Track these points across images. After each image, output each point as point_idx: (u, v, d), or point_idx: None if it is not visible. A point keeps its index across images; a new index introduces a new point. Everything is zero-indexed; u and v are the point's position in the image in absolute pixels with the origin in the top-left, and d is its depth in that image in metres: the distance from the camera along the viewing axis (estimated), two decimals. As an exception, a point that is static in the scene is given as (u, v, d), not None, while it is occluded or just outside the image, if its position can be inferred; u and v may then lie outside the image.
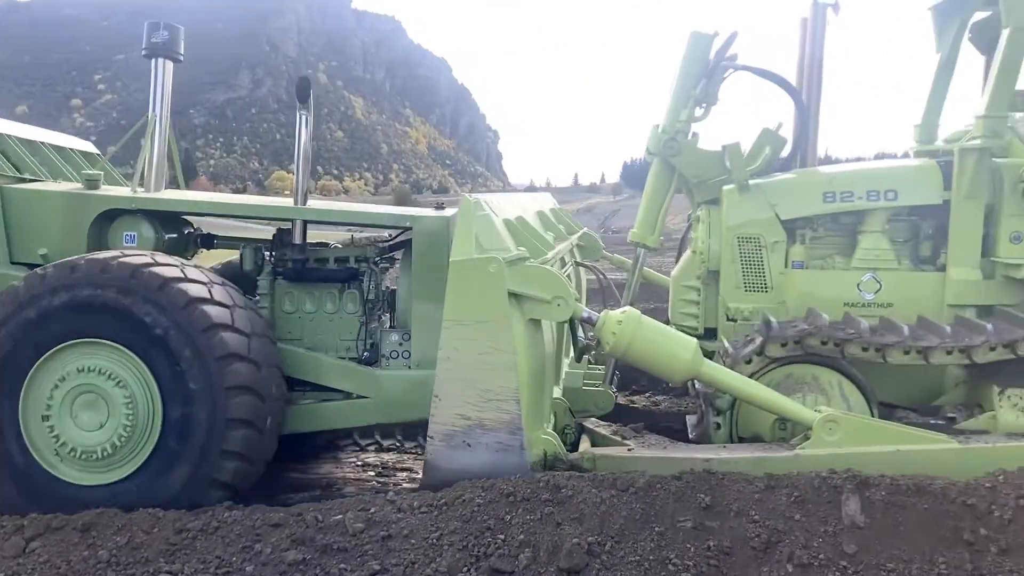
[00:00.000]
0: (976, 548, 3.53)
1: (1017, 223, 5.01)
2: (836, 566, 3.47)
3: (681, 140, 5.59)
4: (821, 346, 4.73)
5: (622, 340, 4.39)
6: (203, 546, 3.72)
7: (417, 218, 5.43)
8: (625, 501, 3.82)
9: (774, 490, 3.87)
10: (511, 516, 3.76)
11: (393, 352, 5.40)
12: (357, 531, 3.72)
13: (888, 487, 3.82)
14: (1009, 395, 4.67)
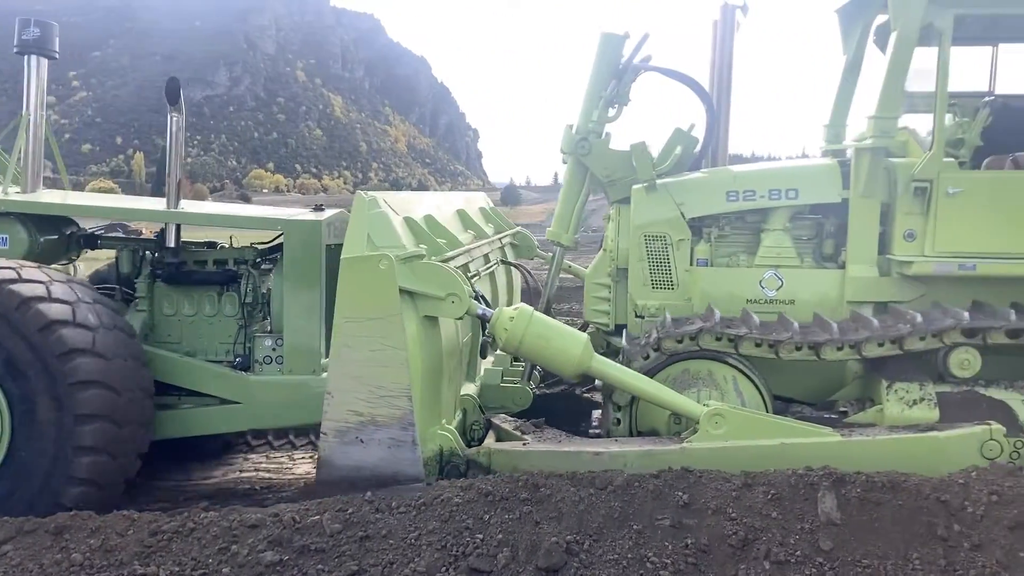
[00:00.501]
0: (949, 544, 3.63)
1: (911, 221, 5.18)
2: (812, 563, 3.56)
3: (592, 140, 5.72)
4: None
5: (514, 336, 4.50)
6: (178, 548, 3.71)
7: (288, 221, 5.48)
8: (603, 499, 3.90)
9: (751, 488, 3.97)
10: (489, 515, 3.81)
11: (266, 357, 5.46)
12: (335, 532, 3.75)
13: (863, 484, 3.93)
14: (896, 389, 4.83)
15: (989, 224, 5.08)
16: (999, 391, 4.91)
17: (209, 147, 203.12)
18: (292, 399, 5.27)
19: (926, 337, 4.81)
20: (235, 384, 5.34)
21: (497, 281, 6.86)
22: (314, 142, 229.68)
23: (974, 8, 5.07)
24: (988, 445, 4.51)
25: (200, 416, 5.40)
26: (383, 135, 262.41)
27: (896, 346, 4.87)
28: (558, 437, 4.87)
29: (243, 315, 5.55)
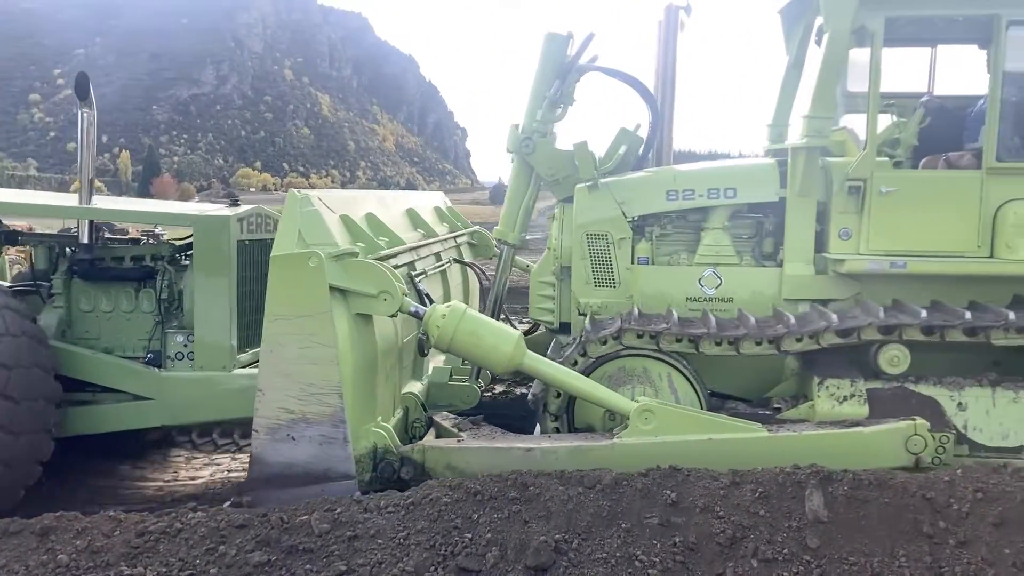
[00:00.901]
0: (935, 541, 3.67)
1: (846, 220, 5.26)
2: (800, 560, 3.60)
3: (536, 139, 5.76)
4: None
5: (445, 333, 4.55)
6: (166, 548, 3.71)
7: (197, 217, 5.51)
8: (592, 498, 3.94)
9: (739, 486, 4.01)
10: (478, 515, 3.84)
11: (178, 353, 5.51)
12: (323, 532, 3.77)
13: (850, 482, 3.97)
14: (827, 385, 4.90)
15: (920, 223, 5.17)
16: (928, 387, 4.99)
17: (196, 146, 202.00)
18: (203, 395, 5.32)
19: (803, 338, 4.91)
20: (147, 380, 5.38)
21: (450, 280, 6.89)
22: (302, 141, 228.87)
23: (904, 10, 5.15)
24: (912, 440, 4.60)
25: (112, 412, 5.43)
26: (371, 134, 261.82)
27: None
28: (493, 434, 4.92)
29: (160, 311, 5.58)
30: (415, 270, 5.70)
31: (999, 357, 5.26)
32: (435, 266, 6.39)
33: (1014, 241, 5.02)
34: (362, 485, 4.52)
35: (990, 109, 5.05)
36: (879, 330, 4.86)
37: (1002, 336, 4.82)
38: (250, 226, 5.70)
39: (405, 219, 6.35)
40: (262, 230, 5.88)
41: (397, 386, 5.20)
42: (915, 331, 4.83)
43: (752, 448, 4.55)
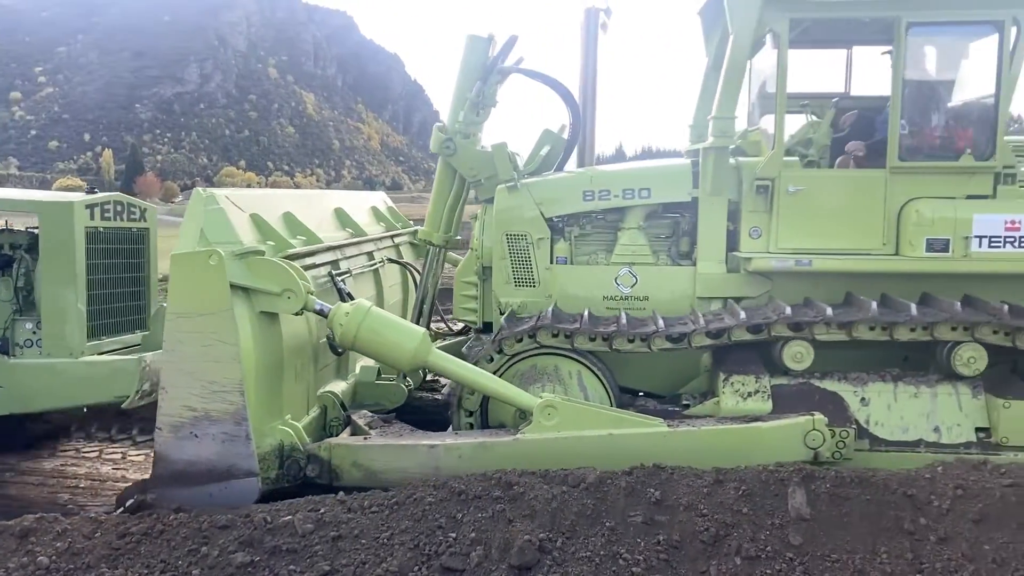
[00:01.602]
0: (916, 537, 3.71)
1: (756, 219, 5.34)
2: (783, 558, 3.63)
3: (458, 141, 5.80)
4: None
5: (349, 330, 4.61)
6: (147, 550, 3.72)
7: (41, 203, 5.55)
8: (576, 497, 3.96)
9: (722, 484, 4.05)
10: (462, 514, 3.86)
11: (27, 341, 5.57)
12: (307, 532, 3.79)
13: (832, 480, 4.02)
14: (732, 381, 4.97)
15: (825, 221, 5.26)
16: (833, 383, 5.08)
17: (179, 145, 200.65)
18: (50, 382, 5.39)
19: (634, 339, 5.03)
20: None
21: (385, 280, 6.93)
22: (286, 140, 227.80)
23: (807, 12, 5.22)
24: (811, 435, 4.68)
25: None
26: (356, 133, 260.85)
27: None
28: (401, 432, 4.97)
29: (17, 300, 5.64)
30: (338, 269, 5.75)
31: (908, 352, 5.36)
32: (365, 266, 6.43)
33: (916, 239, 5.11)
34: (267, 483, 4.56)
35: (892, 109, 5.13)
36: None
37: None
38: (105, 213, 5.73)
39: (332, 218, 6.38)
40: (122, 218, 5.91)
41: (312, 384, 5.24)
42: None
43: (652, 443, 4.62)
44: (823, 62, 6.42)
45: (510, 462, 4.60)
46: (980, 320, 4.79)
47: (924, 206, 5.13)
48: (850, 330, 4.90)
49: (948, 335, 4.86)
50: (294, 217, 5.49)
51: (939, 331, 4.84)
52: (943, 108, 5.33)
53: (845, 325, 4.89)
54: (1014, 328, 4.79)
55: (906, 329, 4.92)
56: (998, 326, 4.80)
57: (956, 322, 4.79)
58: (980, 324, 4.81)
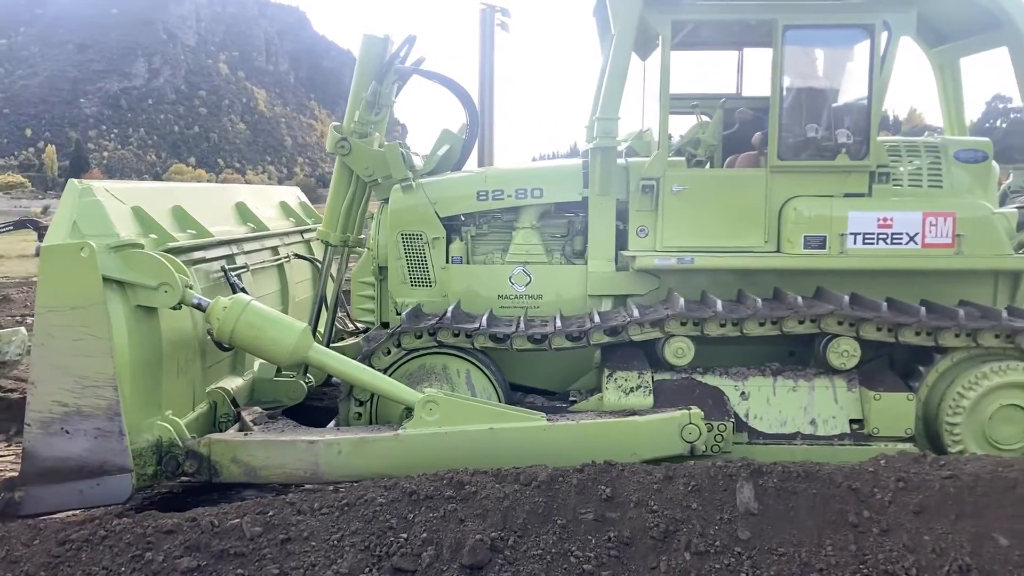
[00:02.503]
0: (860, 529, 3.75)
1: (642, 218, 5.43)
2: (731, 552, 3.64)
3: (353, 141, 5.79)
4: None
5: (226, 325, 4.59)
6: (88, 557, 3.60)
7: None
8: (528, 495, 3.93)
9: (672, 480, 4.04)
10: (414, 514, 3.82)
11: None
12: (255, 535, 3.71)
13: (780, 474, 4.04)
14: (616, 377, 5.05)
15: (708, 220, 5.37)
16: (714, 377, 5.19)
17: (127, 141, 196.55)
18: None
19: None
20: None
21: (292, 276, 6.89)
22: (237, 136, 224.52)
23: (687, 14, 5.32)
24: (687, 429, 4.77)
25: None
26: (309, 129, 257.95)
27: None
28: (283, 428, 4.96)
29: None
30: (233, 263, 5.71)
31: (794, 347, 5.50)
32: (267, 261, 6.38)
33: (795, 236, 5.24)
34: (143, 479, 4.52)
35: (772, 109, 5.26)
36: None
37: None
38: None
39: (231, 213, 6.32)
40: None
41: (199, 380, 5.19)
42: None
43: (532, 437, 4.68)
44: (718, 64, 6.54)
45: (391, 458, 4.64)
46: (823, 312, 4.92)
47: (802, 204, 5.26)
48: (703, 327, 5.00)
49: (798, 329, 4.99)
50: (184, 211, 5.43)
51: (787, 325, 4.97)
52: (820, 109, 5.48)
53: (699, 322, 5.00)
54: (858, 320, 4.93)
55: (755, 324, 5.02)
56: (842, 317, 4.94)
57: (802, 316, 4.93)
58: (824, 316, 4.94)
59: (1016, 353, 4.99)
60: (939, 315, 5.01)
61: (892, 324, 4.93)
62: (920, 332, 4.97)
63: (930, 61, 6.27)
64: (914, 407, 4.96)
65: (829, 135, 5.37)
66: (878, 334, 4.97)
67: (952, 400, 4.97)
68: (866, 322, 4.92)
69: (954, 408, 4.96)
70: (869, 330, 4.96)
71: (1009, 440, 4.95)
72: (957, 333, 4.94)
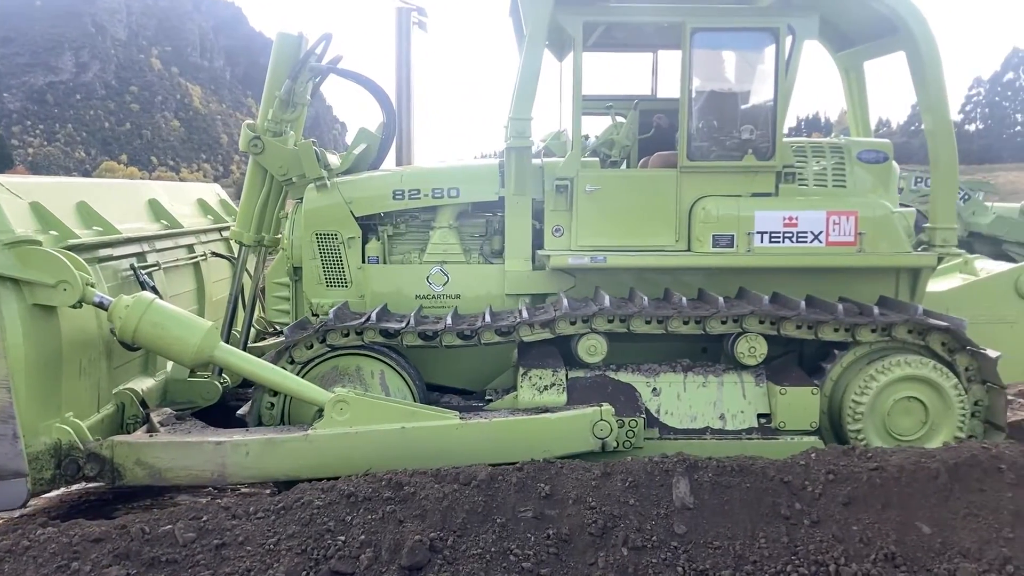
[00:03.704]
0: (792, 522, 3.82)
1: (558, 218, 5.47)
2: (667, 547, 3.67)
3: (267, 139, 5.70)
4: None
5: (128, 324, 4.49)
6: (12, 569, 3.47)
7: None
8: (467, 495, 3.90)
9: (610, 476, 4.06)
10: (352, 517, 3.76)
11: None
12: (188, 541, 3.60)
13: (715, 468, 4.08)
14: (530, 375, 5.08)
15: (621, 219, 5.44)
16: (626, 374, 5.26)
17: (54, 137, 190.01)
18: None
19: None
20: None
21: (208, 275, 6.75)
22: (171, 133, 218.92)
23: (599, 15, 5.39)
24: (599, 425, 4.83)
25: None
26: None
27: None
28: (191, 429, 4.87)
29: None
30: (144, 261, 5.58)
31: (706, 344, 5.61)
32: (181, 259, 6.24)
33: (704, 235, 5.35)
34: (41, 484, 4.40)
35: (681, 111, 5.36)
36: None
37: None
38: None
39: (143, 210, 6.17)
40: None
41: (103, 381, 5.06)
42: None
43: (445, 435, 4.68)
44: (634, 65, 6.63)
45: (301, 459, 4.61)
46: (742, 312, 5.05)
47: (711, 204, 5.37)
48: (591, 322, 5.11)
49: (719, 328, 5.11)
50: (89, 207, 5.28)
51: (709, 325, 5.09)
52: (728, 110, 5.60)
53: (587, 319, 5.09)
54: (778, 318, 5.07)
55: (679, 322, 5.12)
56: (762, 317, 5.08)
57: (724, 315, 5.05)
58: (744, 316, 5.06)
59: (916, 348, 5.19)
60: (819, 310, 5.17)
61: (775, 318, 5.08)
62: (801, 326, 5.12)
63: (836, 64, 6.46)
64: (819, 401, 5.11)
65: (737, 136, 5.49)
66: (761, 327, 5.12)
67: (854, 393, 5.13)
68: (751, 318, 5.05)
69: (856, 401, 5.11)
70: (752, 323, 5.10)
71: (907, 431, 5.13)
72: (836, 328, 5.11)
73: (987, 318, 5.63)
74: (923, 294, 5.59)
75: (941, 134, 5.44)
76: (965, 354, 5.13)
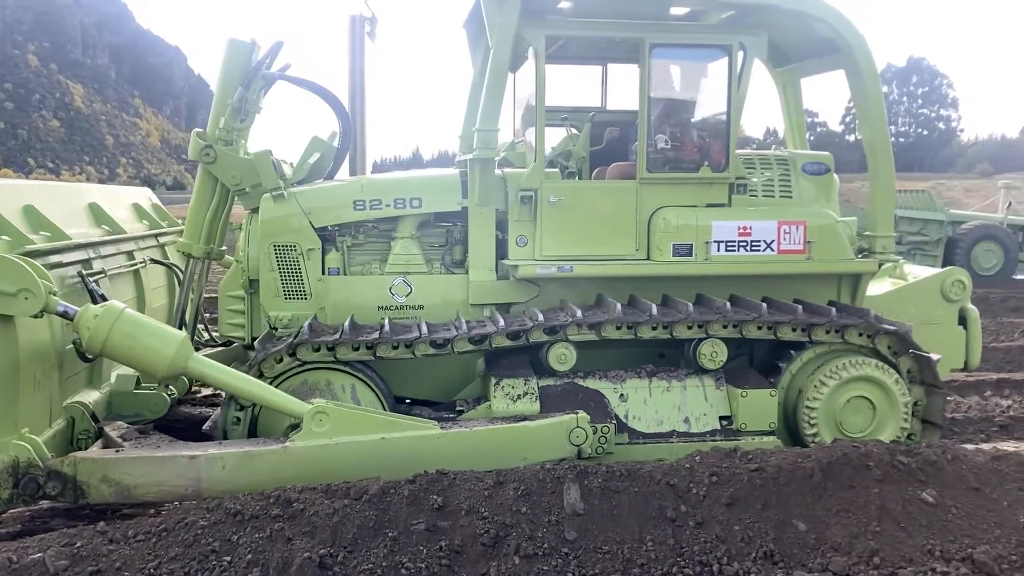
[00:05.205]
0: (677, 524, 3.89)
1: (521, 228, 5.53)
2: (559, 553, 3.70)
3: (219, 148, 5.55)
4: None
5: (98, 334, 4.31)
6: None
7: None
8: (358, 509, 3.81)
9: (503, 485, 4.04)
10: (238, 536, 3.62)
11: None
12: (60, 569, 3.41)
13: (604, 474, 4.10)
14: (503, 385, 5.12)
15: (583, 229, 5.56)
16: (594, 381, 5.39)
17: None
18: None
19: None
20: None
21: (148, 282, 6.48)
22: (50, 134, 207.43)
23: (561, 30, 5.51)
24: (575, 432, 4.93)
25: None
26: (133, 128, 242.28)
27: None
28: (159, 443, 4.70)
29: None
30: (90, 268, 5.33)
31: (663, 349, 5.78)
32: (124, 266, 5.98)
33: (664, 244, 5.52)
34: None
35: (640, 124, 5.52)
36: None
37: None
38: None
39: (85, 214, 5.88)
40: None
41: (55, 395, 4.81)
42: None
43: (425, 445, 4.67)
44: (582, 77, 6.77)
45: (280, 471, 4.49)
46: (711, 318, 5.25)
47: (670, 214, 5.55)
48: (599, 330, 5.21)
49: (685, 333, 5.30)
50: (36, 211, 5.01)
51: (677, 330, 5.27)
52: (685, 124, 5.81)
53: (594, 326, 5.19)
54: (741, 322, 5.30)
55: (648, 328, 5.29)
56: (726, 321, 5.29)
57: (691, 321, 5.23)
58: (712, 321, 5.27)
59: (865, 350, 5.51)
60: (780, 312, 5.44)
61: (737, 322, 5.31)
62: (762, 327, 5.37)
63: (774, 80, 6.79)
64: (776, 402, 5.36)
65: (692, 149, 5.70)
66: (724, 331, 5.35)
67: (810, 393, 5.40)
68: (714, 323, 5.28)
69: (812, 400, 5.39)
70: (716, 328, 5.32)
71: (857, 427, 5.45)
72: (794, 328, 5.39)
73: (917, 320, 6.01)
74: (863, 298, 5.93)
75: (880, 146, 5.80)
76: (908, 357, 5.48)
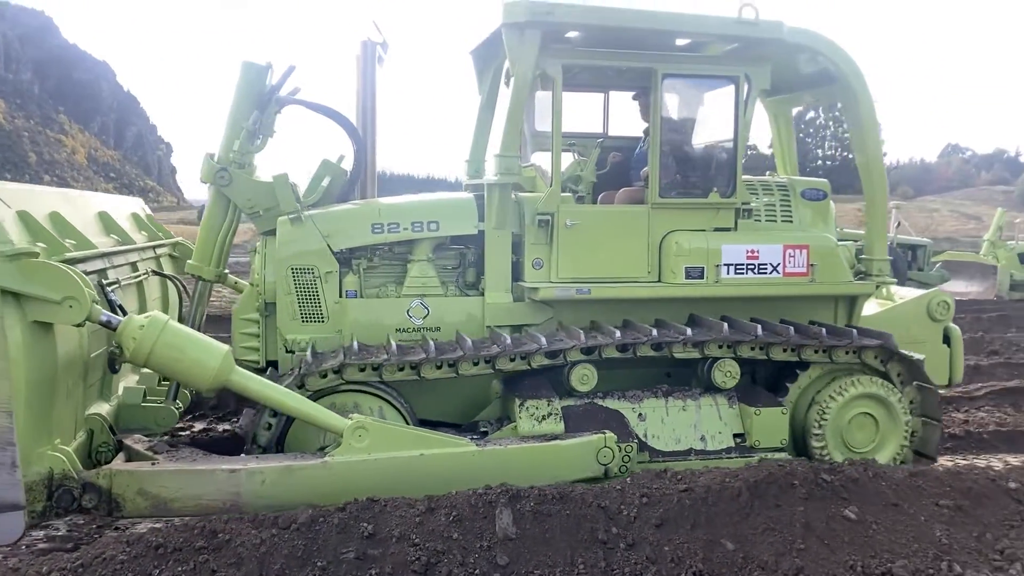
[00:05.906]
0: (608, 546, 3.87)
1: (538, 251, 5.63)
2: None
3: (233, 171, 5.53)
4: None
5: (143, 346, 4.25)
6: None
7: None
8: (286, 539, 3.72)
9: (434, 512, 3.98)
10: (160, 571, 3.49)
11: None
12: None
13: (536, 497, 4.08)
14: (527, 406, 5.19)
15: (600, 252, 5.70)
16: (614, 401, 5.51)
17: None
18: None
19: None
20: None
21: (147, 293, 6.36)
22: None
23: (578, 59, 5.67)
24: (603, 452, 5.04)
25: None
26: (57, 145, 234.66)
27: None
28: (194, 456, 4.63)
29: None
30: (107, 278, 5.23)
31: (670, 369, 5.94)
32: (131, 276, 5.87)
33: (676, 267, 5.69)
34: (34, 516, 4.08)
35: (652, 151, 5.70)
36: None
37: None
38: None
39: (96, 222, 5.76)
40: None
41: (80, 406, 4.71)
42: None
43: (463, 462, 4.73)
44: (582, 105, 6.93)
45: (318, 486, 4.50)
46: (741, 339, 5.44)
47: (682, 238, 5.73)
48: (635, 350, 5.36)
49: (717, 352, 5.49)
50: (62, 217, 4.91)
51: (709, 348, 5.45)
52: (694, 151, 6.01)
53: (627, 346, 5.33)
54: (767, 343, 5.50)
55: (680, 347, 5.45)
56: (754, 343, 5.49)
57: (720, 340, 5.42)
58: (742, 342, 5.47)
59: (861, 368, 5.75)
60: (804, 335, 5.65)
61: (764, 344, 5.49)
62: (787, 349, 5.59)
63: (766, 110, 7.07)
64: (787, 419, 5.56)
65: (702, 175, 5.91)
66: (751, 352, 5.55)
67: (818, 410, 5.62)
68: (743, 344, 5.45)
69: (820, 417, 5.61)
70: (744, 350, 5.51)
71: (862, 443, 5.68)
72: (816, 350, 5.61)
73: (904, 339, 6.31)
74: (859, 318, 6.20)
75: (875, 173, 6.10)
76: (912, 387, 5.77)
